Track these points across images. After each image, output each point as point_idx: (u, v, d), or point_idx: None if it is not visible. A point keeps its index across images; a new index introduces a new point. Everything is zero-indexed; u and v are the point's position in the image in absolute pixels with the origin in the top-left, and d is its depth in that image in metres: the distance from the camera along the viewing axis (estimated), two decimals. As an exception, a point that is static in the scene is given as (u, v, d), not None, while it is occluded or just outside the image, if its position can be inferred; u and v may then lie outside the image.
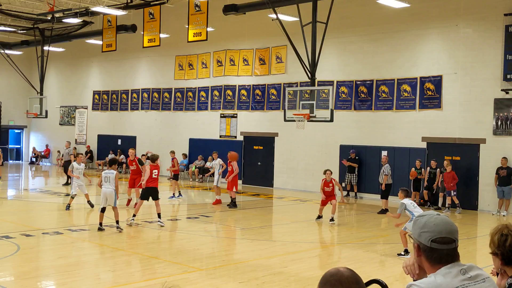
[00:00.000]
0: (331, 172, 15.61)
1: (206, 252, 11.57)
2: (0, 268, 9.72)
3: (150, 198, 13.98)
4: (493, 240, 3.20)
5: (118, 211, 13.29)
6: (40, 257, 11.03)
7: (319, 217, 15.51)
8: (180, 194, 19.92)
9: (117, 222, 13.14)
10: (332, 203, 15.09)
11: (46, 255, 11.16)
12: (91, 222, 14.70)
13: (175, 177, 20.05)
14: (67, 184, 22.90)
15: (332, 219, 14.97)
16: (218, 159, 18.84)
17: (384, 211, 17.48)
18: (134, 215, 14.12)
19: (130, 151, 18.20)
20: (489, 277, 2.59)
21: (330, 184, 15.15)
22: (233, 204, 17.76)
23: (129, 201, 17.46)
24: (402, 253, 11.30)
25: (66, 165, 23.57)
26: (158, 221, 13.92)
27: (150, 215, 15.49)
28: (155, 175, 14.03)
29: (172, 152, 20.91)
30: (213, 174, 19.67)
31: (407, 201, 11.22)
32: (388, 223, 16.09)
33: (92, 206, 16.49)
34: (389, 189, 17.94)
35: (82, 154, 17.54)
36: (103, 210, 13.08)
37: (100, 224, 13.08)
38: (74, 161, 17.25)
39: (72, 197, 16.26)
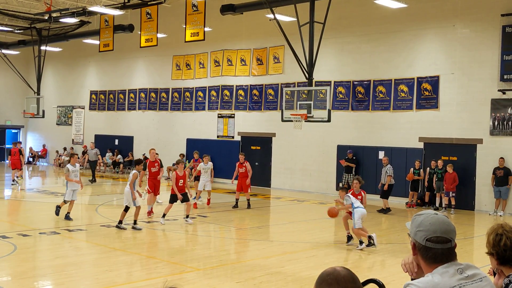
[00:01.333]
0: (359, 182, 12.52)
1: (204, 252, 11.57)
2: (-3, 268, 9.71)
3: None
4: (489, 240, 3.22)
5: (139, 210, 13.52)
6: (37, 257, 11.01)
7: (350, 237, 12.53)
8: (197, 197, 18.80)
9: (135, 222, 13.38)
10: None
11: (43, 255, 11.14)
12: (89, 222, 14.69)
13: (197, 178, 19.48)
14: (93, 181, 24.46)
15: (361, 243, 11.97)
16: (210, 162, 18.27)
17: (384, 211, 17.53)
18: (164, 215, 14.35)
19: (152, 151, 16.31)
20: (486, 276, 2.61)
21: (359, 197, 12.32)
22: (248, 205, 17.85)
23: (149, 212, 15.60)
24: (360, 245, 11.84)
25: (92, 165, 25.54)
26: (186, 220, 14.43)
27: (146, 215, 15.47)
28: (181, 183, 14.40)
29: (196, 153, 20.49)
30: (197, 177, 19.43)
31: (349, 194, 12.28)
32: (385, 223, 16.13)
33: (69, 219, 14.48)
34: (391, 189, 18.08)
35: (76, 154, 16.73)
36: (126, 209, 13.36)
37: (120, 222, 13.35)
38: (68, 163, 15.48)
39: (65, 202, 14.79)
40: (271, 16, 18.74)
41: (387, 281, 9.00)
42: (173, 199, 14.33)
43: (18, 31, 29.67)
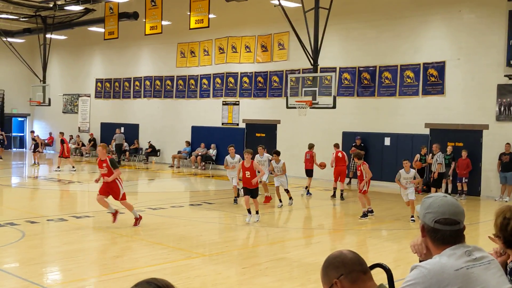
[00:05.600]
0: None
1: (209, 238, 11.63)
2: (5, 254, 9.81)
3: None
4: (496, 222, 3.22)
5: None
6: (45, 243, 11.10)
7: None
8: (308, 192, 18.21)
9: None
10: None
11: (51, 241, 11.23)
12: (95, 209, 14.76)
13: (310, 172, 18.28)
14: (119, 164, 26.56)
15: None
16: (266, 154, 16.55)
17: None
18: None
19: (100, 147, 12.40)
20: (494, 259, 2.61)
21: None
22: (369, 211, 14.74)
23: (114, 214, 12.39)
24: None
25: (117, 148, 28.42)
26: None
27: (152, 202, 15.54)
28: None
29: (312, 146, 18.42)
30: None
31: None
32: (391, 209, 16.13)
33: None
34: (442, 177, 17.89)
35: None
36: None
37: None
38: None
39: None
40: (276, 2, 18.64)
41: (393, 266, 9.03)
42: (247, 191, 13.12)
43: (23, 19, 29.63)
